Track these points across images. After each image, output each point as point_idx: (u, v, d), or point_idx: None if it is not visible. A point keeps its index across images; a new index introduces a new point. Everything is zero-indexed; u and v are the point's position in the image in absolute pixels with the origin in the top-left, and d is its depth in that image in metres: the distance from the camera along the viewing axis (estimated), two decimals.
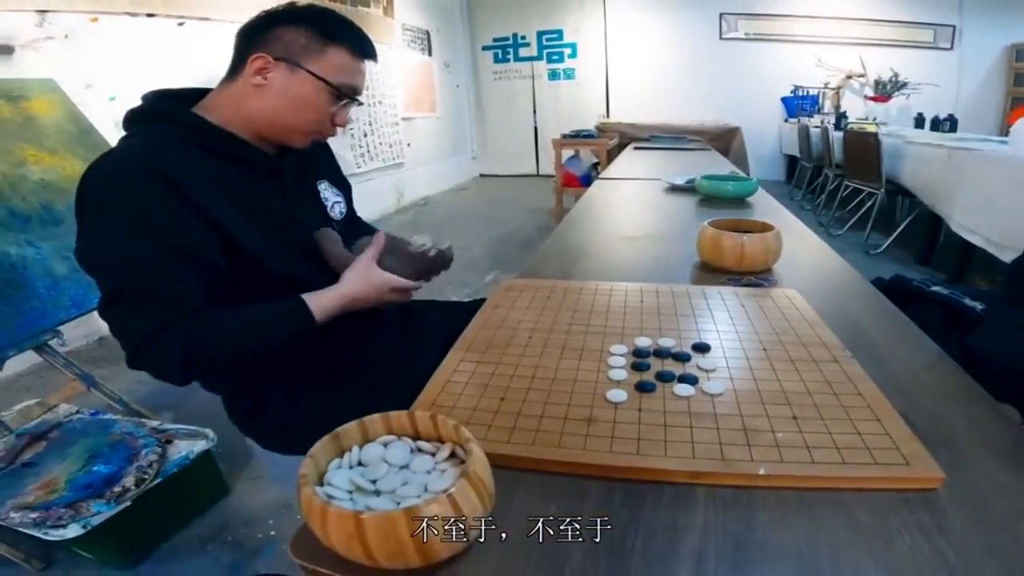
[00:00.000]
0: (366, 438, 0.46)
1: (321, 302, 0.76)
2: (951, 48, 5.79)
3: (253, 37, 0.75)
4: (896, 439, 0.49)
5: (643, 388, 0.58)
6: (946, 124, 4.47)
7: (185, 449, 1.31)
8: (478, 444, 0.42)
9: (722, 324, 0.74)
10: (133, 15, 2.59)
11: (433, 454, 0.45)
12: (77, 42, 2.40)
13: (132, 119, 0.75)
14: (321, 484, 0.42)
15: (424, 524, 0.36)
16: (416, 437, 0.47)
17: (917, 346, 0.72)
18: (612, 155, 4.16)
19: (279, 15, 0.76)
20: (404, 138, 5.41)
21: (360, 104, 0.82)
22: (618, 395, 0.57)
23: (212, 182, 0.71)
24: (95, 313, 0.69)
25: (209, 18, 3.04)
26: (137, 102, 0.76)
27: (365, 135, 4.70)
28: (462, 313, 0.87)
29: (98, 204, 0.67)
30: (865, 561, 0.39)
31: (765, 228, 1.00)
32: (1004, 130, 5.23)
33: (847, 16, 5.83)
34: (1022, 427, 0.57)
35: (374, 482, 0.42)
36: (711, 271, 1.01)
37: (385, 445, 0.46)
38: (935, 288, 1.21)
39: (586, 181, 4.19)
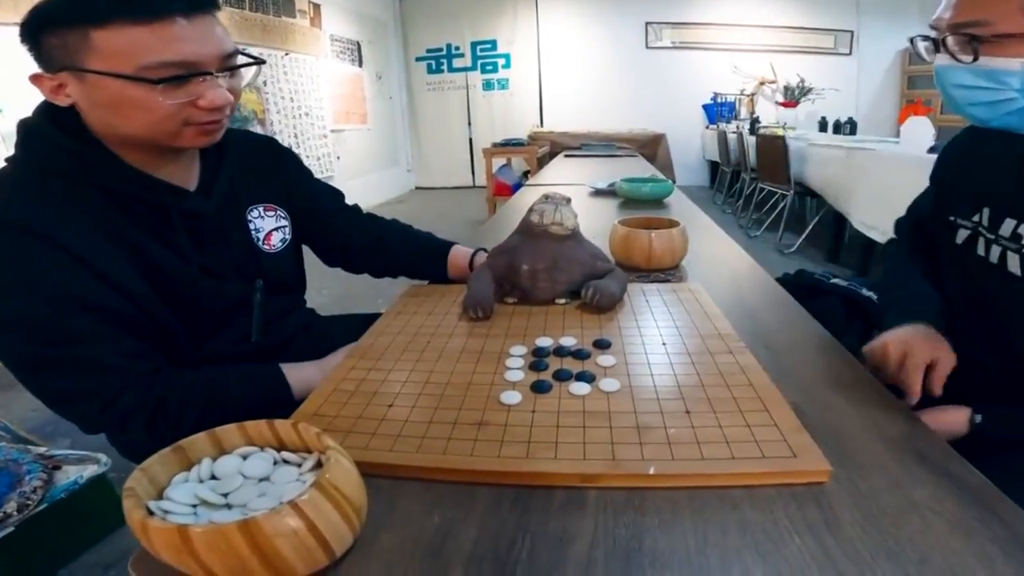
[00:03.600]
0: (220, 450, 0.42)
1: (300, 374, 0.72)
2: (850, 53, 6.23)
3: (33, 55, 0.60)
4: (784, 431, 0.49)
5: (538, 389, 0.57)
6: (847, 127, 4.81)
7: (74, 475, 1.25)
8: (341, 451, 0.39)
9: (625, 320, 0.74)
10: None
11: (299, 465, 0.42)
12: None
13: (18, 136, 0.64)
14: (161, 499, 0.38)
15: (268, 538, 0.33)
16: (282, 448, 0.43)
17: (813, 337, 0.74)
18: (544, 164, 4.20)
19: (30, 23, 0.58)
20: (333, 151, 5.27)
21: (222, 72, 0.63)
22: (512, 397, 0.55)
23: (99, 232, 0.61)
24: None
25: None
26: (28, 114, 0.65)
27: (291, 147, 4.53)
28: (368, 325, 0.82)
29: None
30: (755, 564, 0.38)
31: (673, 226, 1.02)
32: (899, 132, 5.68)
33: (758, 23, 6.17)
34: (911, 412, 0.57)
35: (226, 495, 0.39)
36: (623, 269, 1.01)
37: (245, 457, 0.42)
38: (834, 280, 1.28)
39: (517, 190, 4.22)
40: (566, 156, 3.84)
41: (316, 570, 0.37)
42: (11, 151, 0.64)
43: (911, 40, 0.71)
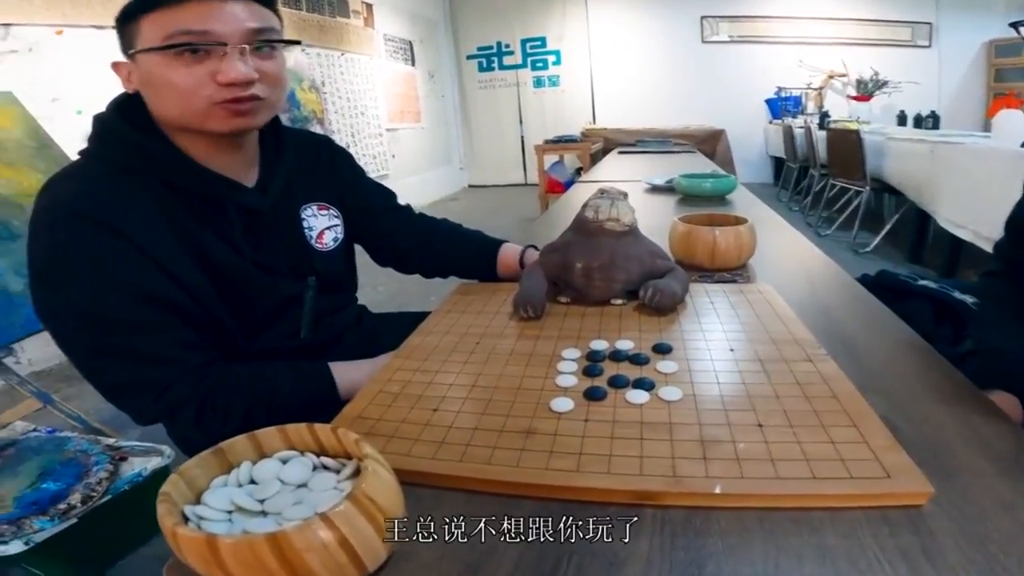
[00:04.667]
0: (261, 453, 0.40)
1: (348, 373, 0.71)
2: (929, 46, 5.84)
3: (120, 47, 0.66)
4: (876, 448, 0.43)
5: (592, 395, 0.52)
6: (929, 121, 4.49)
7: (139, 466, 1.26)
8: (380, 460, 0.36)
9: (688, 324, 0.68)
10: (100, 28, 2.53)
11: (338, 471, 0.39)
12: (42, 56, 2.35)
13: (92, 132, 0.66)
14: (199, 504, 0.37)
15: (298, 552, 0.30)
16: (322, 452, 0.41)
17: (902, 343, 0.67)
18: (597, 160, 4.13)
19: (118, 16, 0.64)
20: (388, 149, 5.37)
21: (241, 46, 0.61)
22: (563, 404, 0.51)
23: (163, 226, 0.63)
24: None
25: None
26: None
27: (348, 146, 4.66)
28: (418, 323, 0.80)
29: (44, 249, 0.59)
30: None
31: (739, 222, 0.95)
32: (986, 126, 5.25)
33: (826, 16, 5.88)
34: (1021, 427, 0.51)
35: (262, 502, 0.37)
36: (684, 268, 0.95)
37: (285, 461, 0.40)
38: (923, 282, 1.16)
39: (570, 187, 4.16)
40: (620, 152, 3.75)
41: None
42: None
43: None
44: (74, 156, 0.68)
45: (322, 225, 0.83)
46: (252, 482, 0.39)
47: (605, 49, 6.49)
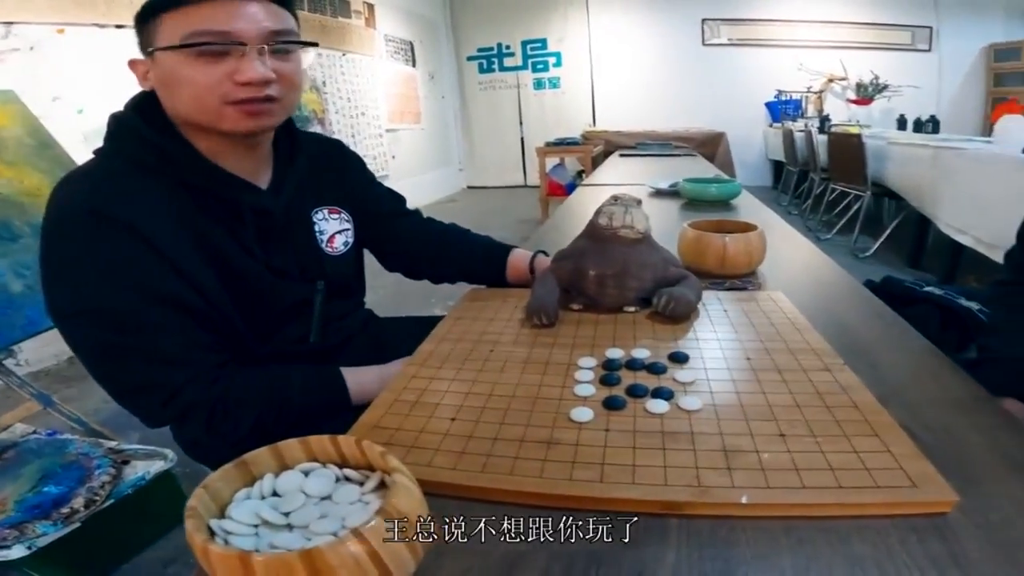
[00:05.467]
0: (283, 465, 0.40)
1: (359, 378, 0.71)
2: (929, 50, 5.87)
3: (139, 45, 0.66)
4: (899, 457, 0.43)
5: (611, 405, 0.52)
6: (929, 125, 4.49)
7: (142, 470, 1.26)
8: (407, 474, 0.36)
9: (703, 332, 0.68)
10: (101, 27, 2.52)
11: (361, 483, 0.39)
12: (43, 54, 2.33)
13: (108, 131, 0.66)
14: (223, 518, 0.36)
15: (332, 568, 0.30)
16: (344, 464, 0.40)
17: (916, 351, 0.67)
18: (598, 163, 4.13)
19: (137, 14, 0.63)
20: (388, 150, 5.36)
21: (260, 46, 0.61)
22: (583, 414, 0.51)
23: (178, 226, 0.62)
24: (56, 332, 0.62)
25: None
26: (106, 116, 0.67)
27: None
28: (424, 328, 0.80)
29: (58, 247, 0.59)
30: None
31: (748, 229, 0.95)
32: (986, 130, 5.27)
33: (826, 19, 5.90)
34: None
35: (287, 515, 0.36)
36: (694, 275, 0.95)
37: (307, 473, 0.39)
38: (928, 289, 1.16)
39: (571, 190, 4.15)
40: (621, 155, 3.76)
41: None
42: (92, 149, 0.66)
43: None
44: (75, 155, 0.67)
45: (333, 229, 0.82)
46: (275, 494, 0.38)
47: (606, 51, 6.50)
